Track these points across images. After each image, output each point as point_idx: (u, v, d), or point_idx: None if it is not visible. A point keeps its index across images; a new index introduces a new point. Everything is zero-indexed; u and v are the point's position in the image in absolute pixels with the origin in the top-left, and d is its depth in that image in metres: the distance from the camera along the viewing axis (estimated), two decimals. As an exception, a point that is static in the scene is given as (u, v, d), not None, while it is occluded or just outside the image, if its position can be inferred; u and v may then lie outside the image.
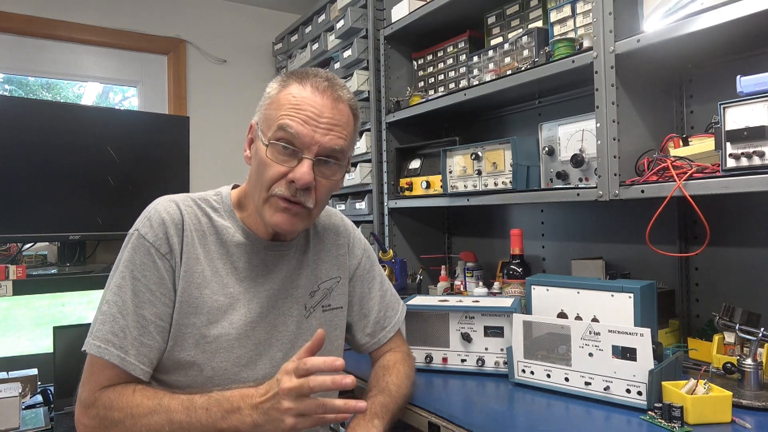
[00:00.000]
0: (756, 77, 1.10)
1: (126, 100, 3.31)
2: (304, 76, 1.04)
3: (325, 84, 1.02)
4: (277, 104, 1.02)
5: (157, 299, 1.00)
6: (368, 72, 2.36)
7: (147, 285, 0.99)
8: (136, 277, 0.99)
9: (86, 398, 0.97)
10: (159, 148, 2.32)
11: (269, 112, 1.03)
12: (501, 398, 1.21)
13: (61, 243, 2.21)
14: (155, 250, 1.00)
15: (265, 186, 1.01)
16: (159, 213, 1.03)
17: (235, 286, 1.06)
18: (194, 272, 1.03)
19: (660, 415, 1.02)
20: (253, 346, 1.06)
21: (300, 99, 1.00)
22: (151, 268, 1.00)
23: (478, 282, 1.99)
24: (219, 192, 1.13)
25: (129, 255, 1.00)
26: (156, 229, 1.01)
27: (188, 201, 1.08)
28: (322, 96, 1.01)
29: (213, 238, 1.07)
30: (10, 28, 2.80)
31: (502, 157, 1.70)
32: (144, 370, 0.98)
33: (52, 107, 2.30)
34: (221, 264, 1.06)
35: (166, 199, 1.07)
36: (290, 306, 1.13)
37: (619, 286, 1.23)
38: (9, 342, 2.81)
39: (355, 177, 2.40)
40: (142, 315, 0.98)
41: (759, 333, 1.11)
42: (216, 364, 1.02)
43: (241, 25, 3.43)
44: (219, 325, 1.03)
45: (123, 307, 0.98)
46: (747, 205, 1.43)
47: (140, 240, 1.01)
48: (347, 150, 1.06)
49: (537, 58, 1.64)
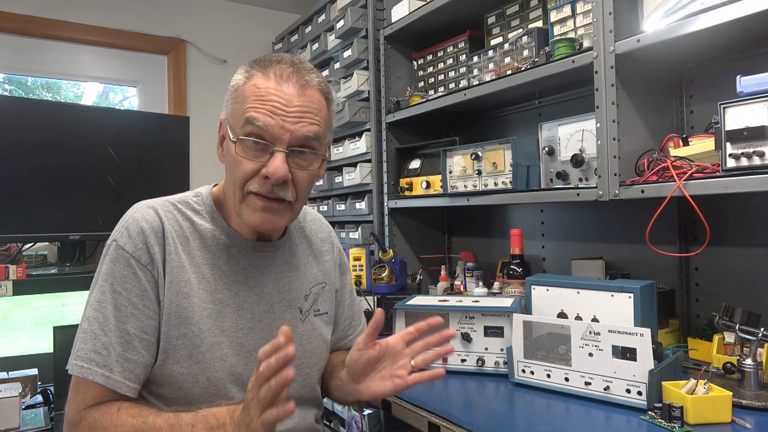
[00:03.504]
0: (756, 77, 1.10)
1: (126, 100, 3.32)
2: (267, 64, 0.98)
3: (290, 70, 0.97)
4: (242, 97, 0.97)
5: (140, 312, 0.95)
6: (368, 72, 2.36)
7: (128, 298, 0.95)
8: (117, 291, 0.94)
9: (71, 418, 0.93)
10: (159, 148, 2.32)
11: (236, 106, 0.98)
12: (501, 398, 1.21)
13: (61, 243, 2.21)
14: (135, 261, 0.95)
15: (239, 184, 0.97)
16: (137, 221, 0.98)
17: (224, 291, 1.02)
18: (180, 281, 0.98)
19: (660, 415, 1.02)
20: (248, 353, 1.02)
21: (265, 89, 0.95)
22: (132, 281, 0.95)
23: (478, 282, 1.99)
24: (199, 193, 1.08)
25: (108, 268, 0.96)
26: (135, 238, 0.96)
27: (167, 206, 1.03)
28: (288, 83, 0.96)
29: (197, 243, 1.02)
30: (10, 28, 2.80)
31: (502, 157, 1.70)
32: (131, 386, 0.94)
33: (52, 107, 2.30)
34: (207, 269, 1.01)
35: (144, 206, 1.01)
36: (285, 310, 1.09)
37: (619, 286, 1.23)
38: (9, 342, 2.81)
39: (355, 177, 2.40)
40: (126, 330, 0.94)
41: (759, 333, 1.11)
42: (211, 374, 0.98)
43: (241, 25, 3.43)
44: (211, 333, 0.99)
45: (104, 323, 0.93)
46: (747, 205, 1.43)
47: (119, 251, 0.96)
48: (322, 136, 1.00)
49: (537, 58, 1.64)
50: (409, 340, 1.05)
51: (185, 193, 1.09)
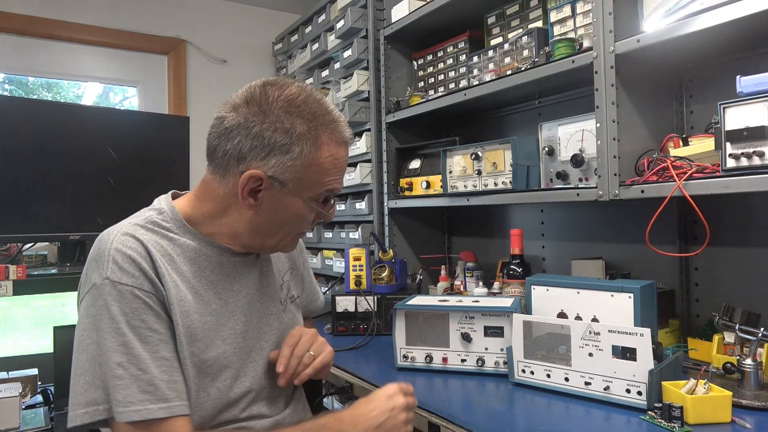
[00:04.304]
0: (756, 77, 1.10)
1: (126, 100, 3.31)
2: (336, 129, 1.00)
3: (348, 131, 1.03)
4: (318, 167, 0.98)
5: (165, 336, 0.93)
6: (368, 72, 2.36)
7: (149, 327, 0.91)
8: (135, 326, 0.90)
9: None
10: (159, 148, 2.32)
11: (310, 175, 0.97)
12: (501, 398, 1.21)
13: (61, 243, 2.21)
14: (139, 291, 0.91)
15: (294, 232, 1.05)
16: (121, 252, 0.92)
17: (216, 301, 1.01)
18: (179, 300, 0.95)
19: (660, 415, 1.02)
20: (246, 354, 1.04)
21: (342, 161, 1.02)
22: (145, 310, 0.91)
23: (478, 282, 1.99)
24: (160, 209, 1.03)
25: (116, 308, 0.89)
26: (128, 269, 0.91)
27: (137, 229, 0.97)
28: (349, 146, 1.04)
29: (181, 259, 0.98)
30: (11, 29, 2.80)
31: (502, 157, 1.70)
32: (188, 405, 0.93)
33: (52, 107, 2.30)
34: (197, 282, 0.99)
35: (117, 234, 0.95)
36: (268, 305, 1.11)
37: (619, 286, 1.23)
38: (9, 342, 2.81)
39: (355, 177, 2.40)
40: (162, 357, 0.91)
41: (759, 333, 1.11)
42: (220, 383, 0.99)
43: (241, 25, 3.43)
44: (214, 345, 0.99)
45: (138, 362, 0.88)
46: (747, 205, 1.43)
47: (118, 287, 0.90)
48: None
49: (537, 58, 1.64)
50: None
51: (141, 212, 1.04)
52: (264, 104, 0.96)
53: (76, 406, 0.88)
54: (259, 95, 0.97)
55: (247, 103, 0.97)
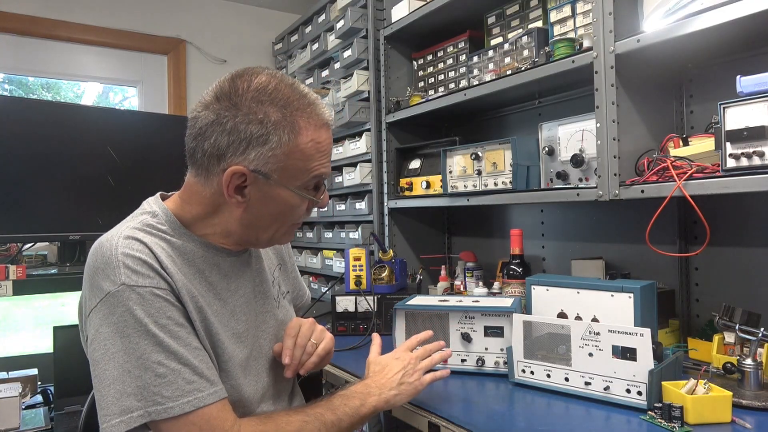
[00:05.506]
0: (756, 77, 1.10)
1: (126, 100, 3.31)
2: (313, 112, 0.97)
3: (327, 112, 1.00)
4: (301, 154, 0.95)
5: (190, 328, 0.93)
6: (368, 72, 2.36)
7: (176, 322, 0.90)
8: (162, 324, 0.88)
9: None
10: (159, 148, 2.32)
11: (293, 163, 0.95)
12: (501, 398, 1.21)
13: (61, 243, 2.21)
14: (158, 290, 0.90)
15: (288, 223, 1.03)
16: (129, 255, 0.90)
17: (216, 303, 1.00)
18: (192, 298, 0.95)
19: (660, 415, 1.02)
20: (248, 354, 1.04)
21: (324, 143, 0.99)
22: (168, 307, 0.90)
23: (478, 282, 1.99)
24: (153, 212, 1.01)
25: (141, 311, 0.87)
26: (141, 271, 0.89)
27: (138, 233, 0.95)
28: (330, 125, 1.01)
29: (181, 261, 0.97)
30: (11, 28, 2.80)
31: (502, 157, 1.70)
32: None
33: (52, 107, 2.30)
34: (197, 284, 0.98)
35: (120, 240, 0.92)
36: (264, 303, 1.11)
37: (619, 286, 1.23)
38: (9, 342, 2.81)
39: (355, 177, 2.40)
40: (195, 347, 0.92)
41: (759, 333, 1.11)
42: (234, 381, 0.99)
43: (241, 25, 3.43)
44: (218, 347, 0.98)
45: (177, 356, 0.88)
46: (747, 205, 1.43)
47: (136, 291, 0.88)
48: None
49: (537, 58, 1.64)
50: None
51: (135, 216, 1.02)
52: (234, 97, 0.93)
53: (109, 417, 0.85)
54: (228, 89, 0.95)
55: (218, 99, 0.95)
